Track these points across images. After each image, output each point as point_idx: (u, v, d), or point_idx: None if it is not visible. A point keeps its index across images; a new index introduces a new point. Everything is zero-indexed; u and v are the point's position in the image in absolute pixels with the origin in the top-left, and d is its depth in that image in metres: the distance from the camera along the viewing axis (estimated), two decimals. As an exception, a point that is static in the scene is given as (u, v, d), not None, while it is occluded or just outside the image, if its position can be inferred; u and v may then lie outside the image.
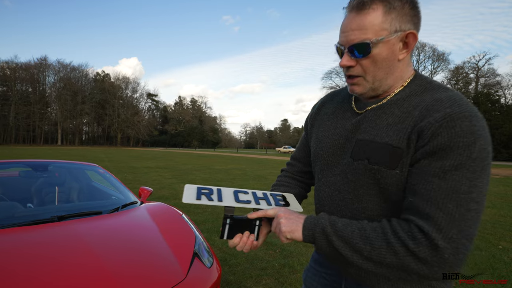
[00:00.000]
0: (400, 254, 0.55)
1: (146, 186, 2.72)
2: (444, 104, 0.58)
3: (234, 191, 0.76)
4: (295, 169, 0.93)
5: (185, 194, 0.70)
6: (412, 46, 0.63)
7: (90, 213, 1.84)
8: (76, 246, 1.41)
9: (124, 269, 1.32)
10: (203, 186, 0.75)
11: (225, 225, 0.70)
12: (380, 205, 0.64)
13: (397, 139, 0.61)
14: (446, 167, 0.54)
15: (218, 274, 1.65)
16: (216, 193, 0.73)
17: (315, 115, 0.85)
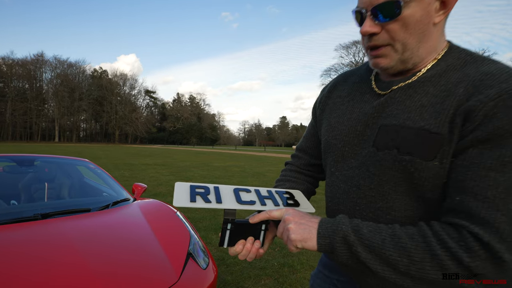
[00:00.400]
0: (449, 269, 0.44)
1: (141, 183, 2.61)
2: (497, 78, 0.46)
3: (235, 190, 0.65)
4: (301, 162, 0.81)
5: (176, 196, 0.58)
6: (451, 6, 0.51)
7: (78, 210, 1.73)
8: (59, 247, 1.29)
9: (111, 272, 1.21)
10: (197, 184, 0.63)
11: (225, 230, 0.59)
12: (410, 204, 0.53)
13: (435, 122, 0.49)
14: (506, 158, 0.43)
15: (214, 275, 1.54)
16: (214, 193, 0.61)
17: (325, 98, 0.72)
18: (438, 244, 0.44)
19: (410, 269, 0.46)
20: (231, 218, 0.58)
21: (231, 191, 0.63)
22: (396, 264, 0.46)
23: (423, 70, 0.55)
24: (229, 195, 0.62)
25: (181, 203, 0.56)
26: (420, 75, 0.55)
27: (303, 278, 2.36)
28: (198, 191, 0.60)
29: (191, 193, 0.59)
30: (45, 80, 64.29)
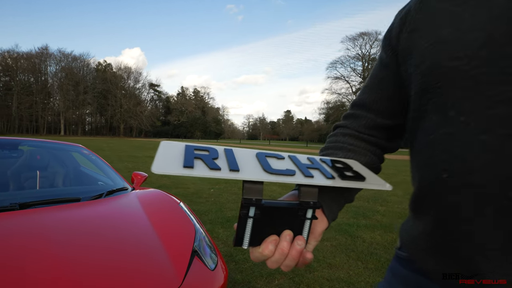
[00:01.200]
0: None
1: (141, 172, 2.36)
2: None
3: (259, 154, 0.40)
4: (361, 123, 0.53)
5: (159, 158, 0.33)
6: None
7: (65, 200, 1.48)
8: (34, 242, 1.05)
9: (97, 277, 0.96)
10: (198, 145, 0.38)
11: (246, 219, 0.34)
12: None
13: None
14: None
15: (224, 277, 1.29)
16: (225, 157, 0.37)
17: (415, 13, 0.43)
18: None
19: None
20: (255, 198, 0.33)
21: (253, 156, 0.39)
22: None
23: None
24: (251, 161, 0.37)
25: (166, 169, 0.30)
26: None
27: (321, 278, 2.11)
28: (199, 154, 0.35)
29: (186, 155, 0.34)
30: (50, 74, 64.53)
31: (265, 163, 0.37)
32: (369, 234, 3.17)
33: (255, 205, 0.33)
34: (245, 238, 0.35)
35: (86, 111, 69.58)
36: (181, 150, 0.36)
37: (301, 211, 0.36)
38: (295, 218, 0.36)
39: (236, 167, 0.34)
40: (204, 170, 0.32)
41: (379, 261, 2.46)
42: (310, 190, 0.36)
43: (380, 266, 2.36)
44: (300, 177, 0.36)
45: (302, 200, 0.36)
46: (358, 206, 4.52)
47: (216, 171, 0.32)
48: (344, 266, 2.34)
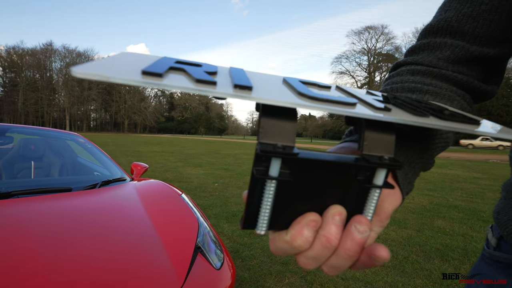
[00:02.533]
0: None
1: (141, 162, 2.21)
2: None
3: (288, 79, 0.21)
4: (445, 54, 0.34)
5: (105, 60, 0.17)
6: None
7: (55, 190, 1.33)
8: (11, 238, 0.89)
9: (80, 277, 0.81)
10: (187, 60, 0.20)
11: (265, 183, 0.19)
12: None
13: None
14: None
15: (232, 277, 1.14)
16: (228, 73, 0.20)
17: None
18: None
19: None
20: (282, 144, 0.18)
21: (280, 81, 0.21)
22: None
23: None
24: (274, 84, 0.20)
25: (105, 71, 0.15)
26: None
27: (335, 277, 1.95)
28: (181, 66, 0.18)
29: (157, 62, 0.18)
30: (54, 70, 64.95)
31: (300, 87, 0.20)
32: (383, 230, 3.00)
33: (283, 155, 0.17)
34: (260, 216, 0.19)
35: (91, 107, 70.08)
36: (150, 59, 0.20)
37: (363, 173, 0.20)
38: (351, 185, 0.20)
39: (246, 82, 0.17)
40: (182, 81, 0.16)
41: (397, 258, 2.28)
42: (382, 137, 0.20)
43: (398, 264, 2.18)
44: (367, 108, 0.18)
45: (367, 153, 0.20)
46: (368, 201, 4.34)
47: (207, 85, 0.16)
48: (358, 264, 2.17)
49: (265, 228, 0.20)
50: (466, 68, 0.34)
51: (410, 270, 2.09)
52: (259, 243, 2.46)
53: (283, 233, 0.20)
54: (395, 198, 0.25)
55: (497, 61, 0.35)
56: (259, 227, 0.20)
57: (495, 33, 0.33)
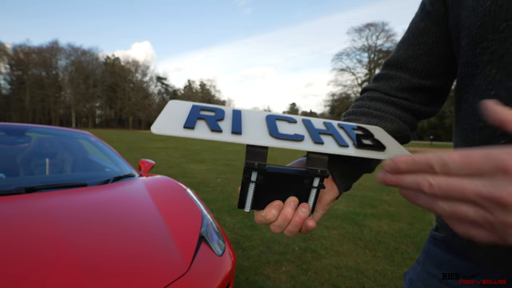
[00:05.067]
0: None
1: (148, 159, 2.35)
2: None
3: (269, 117, 0.37)
4: (394, 85, 0.46)
5: (161, 117, 0.31)
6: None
7: (72, 185, 1.48)
8: (40, 228, 1.04)
9: (100, 260, 0.95)
10: (204, 105, 0.36)
11: (249, 184, 0.33)
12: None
13: None
14: None
15: (232, 263, 1.27)
16: (231, 118, 0.34)
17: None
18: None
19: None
20: (258, 163, 0.31)
21: (262, 119, 0.36)
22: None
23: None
24: (258, 125, 0.34)
25: (166, 129, 0.29)
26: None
27: (329, 265, 2.08)
28: (204, 114, 0.33)
29: (190, 115, 0.32)
30: (60, 68, 65.54)
31: (273, 126, 0.34)
32: (376, 223, 3.12)
33: (258, 170, 0.31)
34: (247, 202, 0.33)
35: (96, 104, 70.72)
36: (186, 110, 0.33)
37: (307, 179, 0.33)
38: (301, 186, 0.33)
39: (239, 129, 0.31)
40: (204, 132, 0.30)
41: (388, 249, 2.41)
42: (319, 158, 0.32)
43: (389, 254, 2.31)
44: (309, 143, 0.32)
45: (310, 167, 0.32)
46: (365, 196, 4.45)
47: (217, 133, 0.30)
48: (352, 254, 2.30)
49: (249, 208, 0.34)
50: (411, 95, 0.46)
51: (399, 260, 2.22)
52: (258, 234, 2.60)
53: (260, 212, 0.34)
54: (332, 193, 0.39)
55: (434, 90, 0.46)
56: (246, 207, 0.34)
57: (430, 70, 0.44)
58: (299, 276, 1.93)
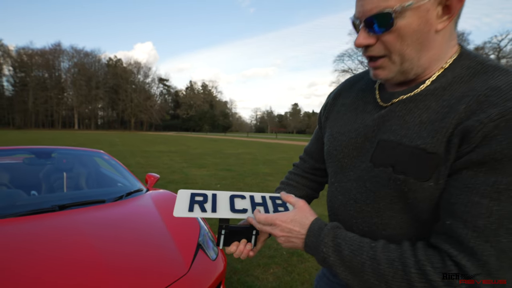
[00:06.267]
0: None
1: (154, 173, 2.67)
2: (503, 95, 0.41)
3: (230, 197, 0.67)
4: (306, 166, 0.80)
5: (177, 205, 0.61)
6: (456, 11, 0.45)
7: (93, 202, 1.80)
8: (74, 238, 1.36)
9: (122, 263, 1.27)
10: (197, 192, 0.66)
11: (221, 234, 0.63)
12: (406, 223, 0.50)
13: (432, 142, 0.45)
14: (502, 185, 0.39)
15: (223, 266, 1.58)
16: (211, 201, 0.64)
17: (330, 106, 0.70)
18: (418, 276, 0.42)
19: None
20: (225, 225, 0.62)
21: (227, 199, 0.66)
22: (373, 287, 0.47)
23: (428, 82, 0.50)
24: (225, 203, 0.64)
25: (180, 213, 0.59)
26: (424, 87, 0.50)
27: (311, 268, 2.39)
28: (197, 200, 0.63)
29: (190, 202, 0.62)
30: (63, 69, 66.23)
31: (232, 204, 0.64)
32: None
33: (224, 228, 0.62)
34: (221, 242, 0.64)
35: (98, 106, 71.27)
36: (188, 197, 0.64)
37: (251, 230, 0.64)
38: (248, 234, 0.64)
39: (215, 209, 0.62)
40: (198, 213, 0.60)
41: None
42: None
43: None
44: (250, 213, 0.63)
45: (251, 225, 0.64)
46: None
47: (205, 212, 0.61)
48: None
49: (221, 246, 0.64)
50: (316, 172, 0.79)
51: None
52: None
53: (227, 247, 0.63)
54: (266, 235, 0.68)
55: None
56: (220, 245, 0.63)
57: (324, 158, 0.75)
58: (284, 276, 2.24)
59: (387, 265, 0.45)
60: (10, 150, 2.14)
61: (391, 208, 0.51)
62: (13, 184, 1.97)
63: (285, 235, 0.54)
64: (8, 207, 1.59)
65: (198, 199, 0.63)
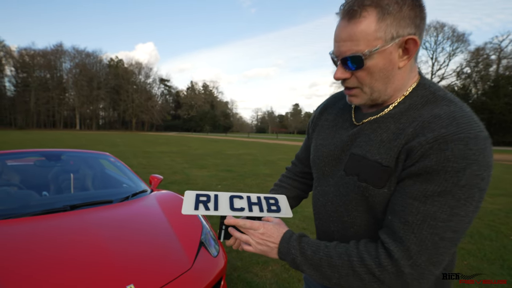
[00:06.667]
0: (366, 281, 0.55)
1: (157, 174, 2.78)
2: (440, 123, 0.52)
3: (230, 197, 0.76)
4: (296, 170, 0.92)
5: (184, 204, 0.70)
6: (413, 52, 0.57)
7: (102, 202, 1.91)
8: (85, 237, 1.47)
9: (131, 259, 1.37)
10: (201, 193, 0.75)
11: (221, 229, 0.72)
12: (368, 221, 0.63)
13: (387, 157, 0.57)
14: (429, 192, 0.51)
15: (224, 262, 1.69)
16: (213, 201, 0.73)
17: (316, 120, 0.81)
18: (358, 262, 0.55)
19: (340, 282, 0.58)
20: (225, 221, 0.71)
21: (227, 199, 0.75)
22: (330, 278, 0.58)
23: (391, 107, 0.62)
24: (225, 202, 0.73)
25: (188, 211, 0.69)
26: (387, 111, 0.62)
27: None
28: (201, 199, 0.72)
29: (195, 201, 0.72)
30: (65, 70, 66.49)
31: (231, 203, 0.74)
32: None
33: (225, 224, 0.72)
34: (221, 237, 0.74)
35: (99, 106, 71.50)
36: (193, 197, 0.73)
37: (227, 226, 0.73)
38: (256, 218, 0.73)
39: (217, 208, 0.71)
40: (203, 210, 0.70)
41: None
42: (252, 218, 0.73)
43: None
44: (246, 212, 0.72)
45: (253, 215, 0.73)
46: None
47: (208, 210, 0.70)
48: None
49: (222, 239, 0.74)
50: (305, 175, 0.89)
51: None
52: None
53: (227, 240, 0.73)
54: None
55: None
56: (221, 239, 0.74)
57: None
58: (282, 274, 2.34)
59: (337, 258, 0.58)
60: (22, 153, 2.25)
61: (356, 209, 0.63)
62: (26, 185, 2.08)
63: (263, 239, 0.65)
64: (23, 207, 1.70)
65: (202, 199, 0.73)
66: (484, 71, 37.02)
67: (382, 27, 0.54)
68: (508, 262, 2.57)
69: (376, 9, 0.54)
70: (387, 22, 0.54)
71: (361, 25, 0.55)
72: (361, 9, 0.54)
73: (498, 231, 3.47)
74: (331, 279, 0.58)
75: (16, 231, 1.46)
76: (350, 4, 0.56)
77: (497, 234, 3.39)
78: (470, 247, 2.96)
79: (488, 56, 37.45)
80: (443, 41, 39.62)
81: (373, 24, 0.54)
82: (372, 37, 0.54)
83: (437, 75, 41.41)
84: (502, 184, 6.85)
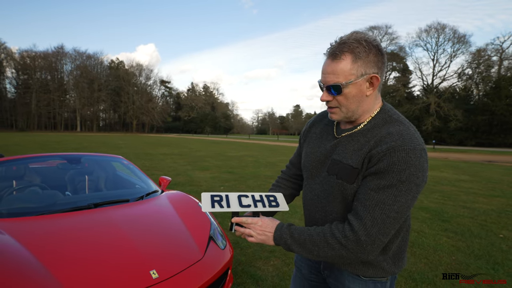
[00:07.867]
0: (336, 249, 0.77)
1: (165, 176, 2.99)
2: (392, 138, 0.76)
3: (238, 196, 0.94)
4: (290, 172, 1.13)
5: (203, 204, 0.89)
6: (376, 85, 0.80)
7: (120, 201, 2.12)
8: (111, 230, 1.68)
9: (152, 249, 1.58)
10: (215, 194, 0.93)
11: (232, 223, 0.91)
12: (343, 208, 0.86)
13: (356, 162, 0.80)
14: (381, 185, 0.74)
15: (231, 254, 1.89)
16: (225, 200, 0.92)
17: (307, 132, 1.04)
18: (330, 236, 0.78)
19: (320, 252, 0.79)
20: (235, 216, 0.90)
21: (236, 198, 0.93)
22: (312, 251, 0.80)
23: (362, 125, 0.85)
24: (235, 201, 0.92)
25: (207, 209, 0.88)
26: (359, 128, 0.86)
27: (307, 261, 2.68)
28: (216, 199, 0.91)
29: (211, 201, 0.90)
30: (66, 72, 66.83)
31: (240, 201, 0.92)
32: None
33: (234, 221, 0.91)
34: (233, 228, 0.93)
35: (100, 108, 71.76)
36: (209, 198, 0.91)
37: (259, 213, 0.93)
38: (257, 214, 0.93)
39: (229, 205, 0.90)
40: (218, 208, 0.89)
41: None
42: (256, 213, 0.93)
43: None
44: (252, 207, 0.91)
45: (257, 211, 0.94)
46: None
47: (222, 208, 0.89)
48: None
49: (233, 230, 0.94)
50: (298, 177, 1.11)
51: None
52: (254, 237, 3.22)
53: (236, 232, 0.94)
54: None
55: None
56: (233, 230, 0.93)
57: None
58: (283, 268, 2.54)
59: (316, 235, 0.80)
60: (46, 156, 2.46)
61: (334, 200, 0.85)
62: (51, 186, 2.29)
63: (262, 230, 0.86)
64: (51, 205, 1.91)
65: (216, 198, 0.92)
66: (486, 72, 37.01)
67: (355, 67, 0.77)
68: (493, 258, 2.73)
69: (351, 54, 0.77)
70: (358, 63, 0.77)
71: (340, 64, 0.77)
72: (341, 53, 0.77)
73: (489, 230, 3.64)
74: (313, 252, 0.80)
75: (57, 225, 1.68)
76: (333, 49, 0.79)
77: (487, 232, 3.55)
78: (459, 244, 3.14)
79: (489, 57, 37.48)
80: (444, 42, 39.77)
81: (349, 64, 0.77)
82: (348, 73, 0.77)
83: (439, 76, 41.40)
84: (499, 185, 6.98)
